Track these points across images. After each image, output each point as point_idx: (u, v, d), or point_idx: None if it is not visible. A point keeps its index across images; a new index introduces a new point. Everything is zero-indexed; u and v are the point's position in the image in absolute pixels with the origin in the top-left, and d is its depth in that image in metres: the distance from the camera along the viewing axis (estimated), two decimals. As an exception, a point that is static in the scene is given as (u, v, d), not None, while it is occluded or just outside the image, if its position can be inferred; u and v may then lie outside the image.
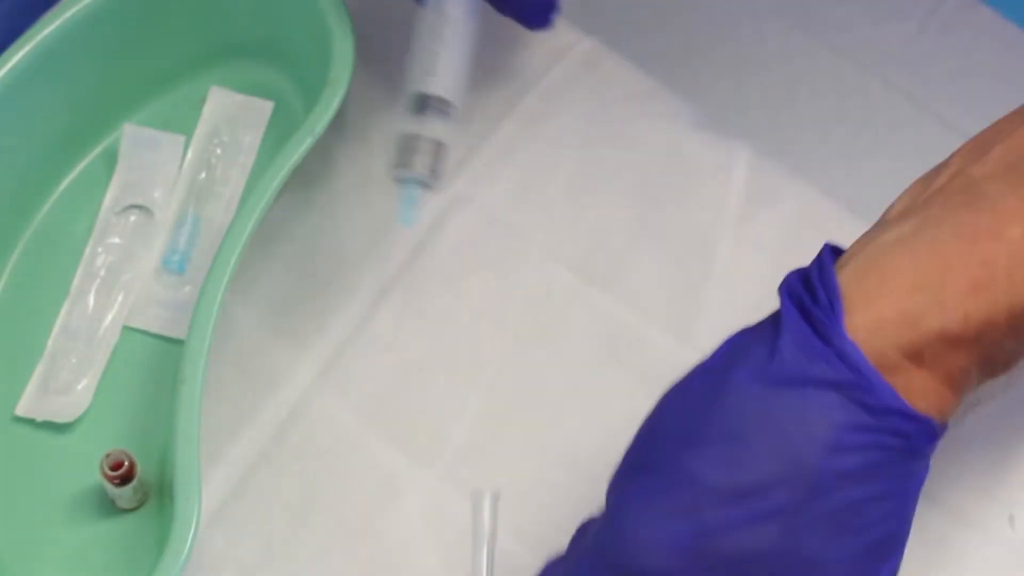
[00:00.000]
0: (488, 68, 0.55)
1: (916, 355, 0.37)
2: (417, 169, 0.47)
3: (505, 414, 0.49)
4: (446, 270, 0.52)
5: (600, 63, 0.56)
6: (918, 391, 0.37)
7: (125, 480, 0.46)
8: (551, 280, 0.52)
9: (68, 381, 0.49)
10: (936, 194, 0.39)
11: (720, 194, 0.53)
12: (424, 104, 0.47)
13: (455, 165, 0.53)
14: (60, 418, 0.49)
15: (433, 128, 0.47)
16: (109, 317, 0.51)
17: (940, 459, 0.47)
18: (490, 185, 0.53)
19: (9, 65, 0.49)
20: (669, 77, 0.56)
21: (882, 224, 0.40)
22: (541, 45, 0.56)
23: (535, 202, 0.53)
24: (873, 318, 0.37)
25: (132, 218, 0.52)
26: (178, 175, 0.53)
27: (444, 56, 0.48)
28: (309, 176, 0.52)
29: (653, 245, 0.52)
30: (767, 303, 0.51)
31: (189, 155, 0.53)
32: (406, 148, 0.47)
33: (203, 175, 0.53)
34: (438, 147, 0.47)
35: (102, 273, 0.51)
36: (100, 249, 0.52)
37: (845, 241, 0.41)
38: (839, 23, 0.57)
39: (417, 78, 0.48)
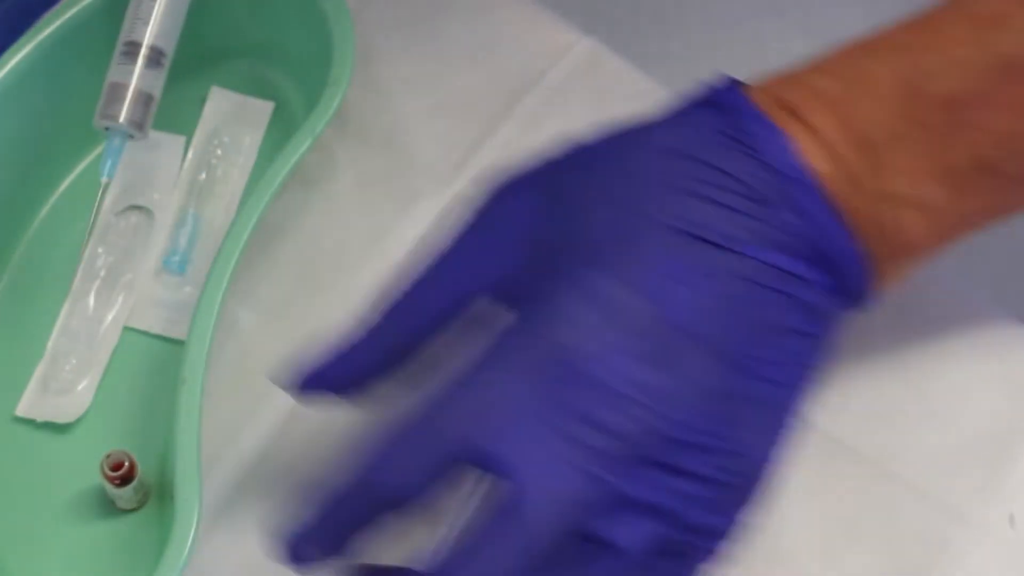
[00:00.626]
0: (487, 68, 0.55)
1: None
2: (122, 120, 0.47)
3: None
4: (446, 270, 0.52)
5: (600, 63, 0.56)
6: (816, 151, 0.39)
7: (125, 480, 0.46)
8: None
9: (68, 382, 0.49)
10: None
11: (720, 194, 0.53)
12: (134, 51, 0.47)
13: (455, 165, 0.53)
14: (60, 418, 0.49)
15: (142, 78, 0.47)
16: (109, 318, 0.51)
17: (939, 457, 0.47)
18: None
19: (9, 66, 0.49)
20: (669, 77, 0.56)
21: None
22: (541, 45, 0.56)
23: (535, 202, 0.53)
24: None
25: (132, 219, 0.53)
26: (178, 176, 0.53)
27: (157, 2, 0.48)
28: (309, 177, 0.52)
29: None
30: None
31: (189, 156, 0.54)
32: (113, 97, 0.47)
33: (203, 176, 0.53)
34: (147, 99, 0.47)
35: (102, 274, 0.51)
36: (100, 250, 0.52)
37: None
38: (839, 23, 0.57)
39: (128, 26, 0.48)
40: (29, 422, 0.49)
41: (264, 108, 0.54)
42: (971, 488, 0.47)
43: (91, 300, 0.51)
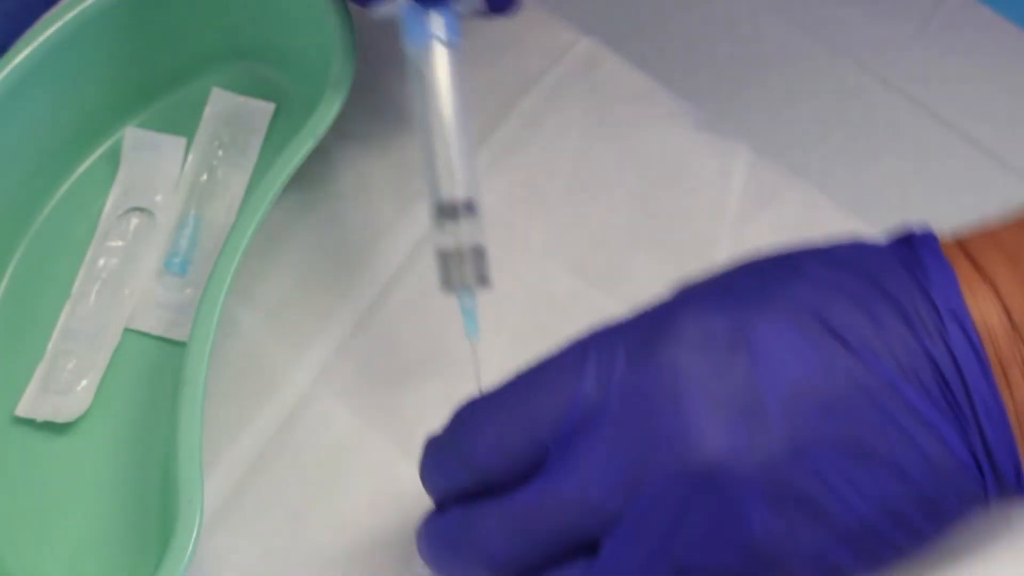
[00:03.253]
0: (487, 68, 0.55)
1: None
2: (466, 282, 0.45)
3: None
4: (446, 270, 0.52)
5: (599, 63, 0.56)
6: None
7: None
8: (551, 280, 0.52)
9: (68, 382, 0.50)
10: None
11: (720, 194, 0.53)
12: (451, 211, 0.45)
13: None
14: (60, 418, 0.49)
15: (466, 233, 0.45)
16: (110, 319, 0.51)
17: None
18: (489, 185, 0.53)
19: (10, 67, 0.49)
20: (669, 77, 0.56)
21: None
22: (540, 45, 0.56)
23: (534, 202, 0.53)
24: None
25: (134, 221, 0.53)
26: (180, 177, 0.53)
27: (453, 156, 0.45)
28: (310, 178, 0.52)
29: (653, 245, 0.53)
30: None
31: (190, 157, 0.54)
32: (448, 264, 0.45)
33: (204, 177, 0.53)
34: (477, 252, 0.45)
35: (104, 275, 0.51)
36: (102, 251, 0.52)
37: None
38: (839, 23, 0.57)
39: (433, 187, 0.45)
40: (29, 422, 0.49)
41: (265, 109, 0.54)
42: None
43: (92, 301, 0.51)
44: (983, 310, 0.37)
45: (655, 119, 0.55)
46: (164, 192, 0.53)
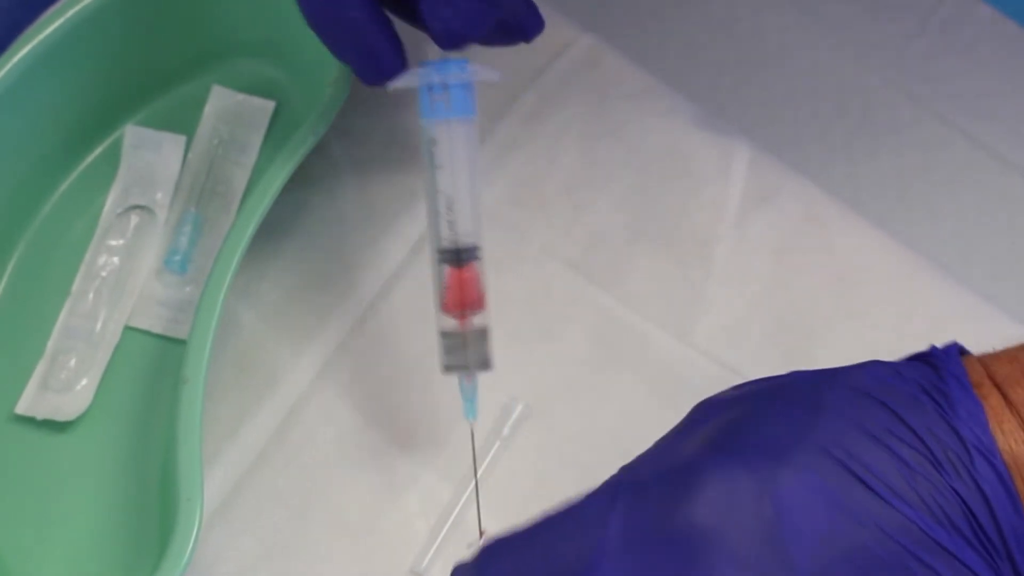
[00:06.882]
0: (487, 66, 0.55)
1: None
2: (468, 364, 0.45)
3: (505, 413, 0.50)
4: (446, 268, 0.52)
5: (599, 60, 0.56)
6: None
7: None
8: (551, 278, 0.52)
9: (68, 380, 0.50)
10: None
11: (720, 191, 0.53)
12: (458, 257, 0.45)
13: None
14: (60, 416, 0.49)
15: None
16: (110, 317, 0.51)
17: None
18: (490, 183, 0.53)
19: (10, 65, 0.49)
20: (669, 74, 0.56)
21: None
22: (540, 42, 0.56)
23: (535, 199, 0.53)
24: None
25: (134, 219, 0.53)
26: (180, 175, 0.53)
27: (463, 221, 0.44)
28: (310, 176, 0.52)
29: (653, 243, 0.53)
30: (766, 302, 0.51)
31: (191, 155, 0.53)
32: (450, 347, 0.45)
33: (205, 175, 0.53)
34: (480, 335, 0.45)
35: (104, 273, 0.51)
36: (102, 250, 0.52)
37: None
38: (839, 22, 0.57)
39: (436, 232, 0.45)
40: (29, 420, 0.49)
41: (265, 107, 0.54)
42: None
43: (92, 299, 0.51)
44: (1012, 443, 0.37)
45: (655, 116, 0.55)
46: (164, 190, 0.53)
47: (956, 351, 0.39)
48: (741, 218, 0.53)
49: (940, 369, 0.38)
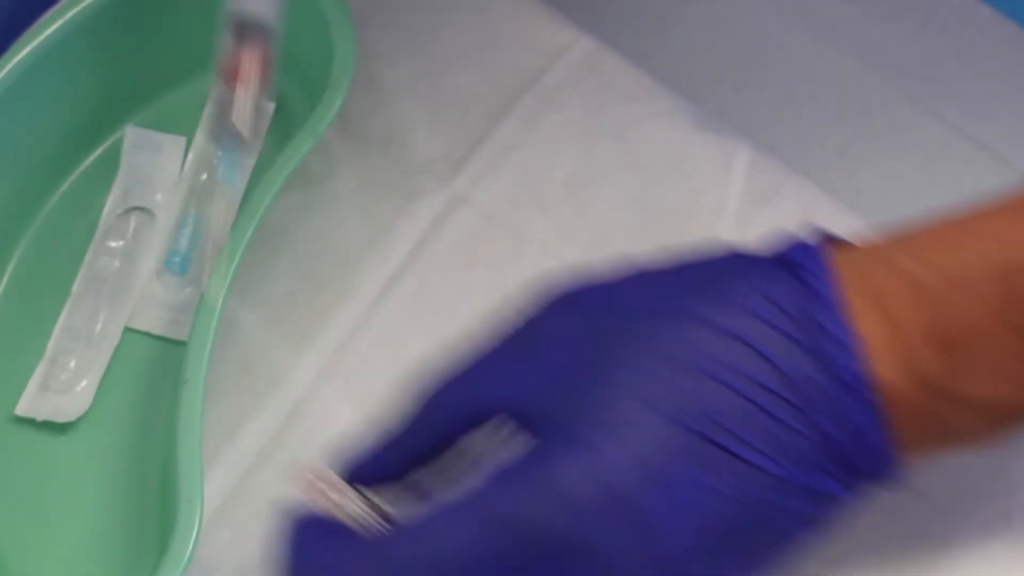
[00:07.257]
0: (487, 66, 0.55)
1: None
2: (235, 128, 0.44)
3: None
4: (446, 269, 0.52)
5: (599, 61, 0.56)
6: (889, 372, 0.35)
7: None
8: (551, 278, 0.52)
9: (68, 381, 0.50)
10: None
11: (720, 193, 0.53)
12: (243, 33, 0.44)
13: (455, 164, 0.53)
14: (60, 417, 0.49)
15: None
16: (110, 318, 0.51)
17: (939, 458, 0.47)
18: (489, 184, 0.53)
19: (9, 67, 0.49)
20: (669, 76, 0.56)
21: None
22: (539, 44, 0.56)
23: (534, 201, 0.53)
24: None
25: (134, 220, 0.53)
26: (180, 176, 0.53)
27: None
28: (310, 177, 0.52)
29: (653, 244, 0.52)
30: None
31: (190, 156, 0.54)
32: (221, 108, 0.44)
33: (205, 176, 0.53)
34: (256, 104, 0.45)
35: (103, 275, 0.51)
36: (102, 251, 0.52)
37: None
38: (839, 22, 0.57)
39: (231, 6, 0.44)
40: (29, 421, 0.49)
41: (265, 108, 0.54)
42: (971, 488, 0.47)
43: (92, 300, 0.51)
44: (891, 373, 0.35)
45: (655, 117, 0.55)
46: (164, 191, 0.53)
47: (822, 249, 0.37)
48: (741, 218, 0.53)
49: (808, 284, 0.36)
